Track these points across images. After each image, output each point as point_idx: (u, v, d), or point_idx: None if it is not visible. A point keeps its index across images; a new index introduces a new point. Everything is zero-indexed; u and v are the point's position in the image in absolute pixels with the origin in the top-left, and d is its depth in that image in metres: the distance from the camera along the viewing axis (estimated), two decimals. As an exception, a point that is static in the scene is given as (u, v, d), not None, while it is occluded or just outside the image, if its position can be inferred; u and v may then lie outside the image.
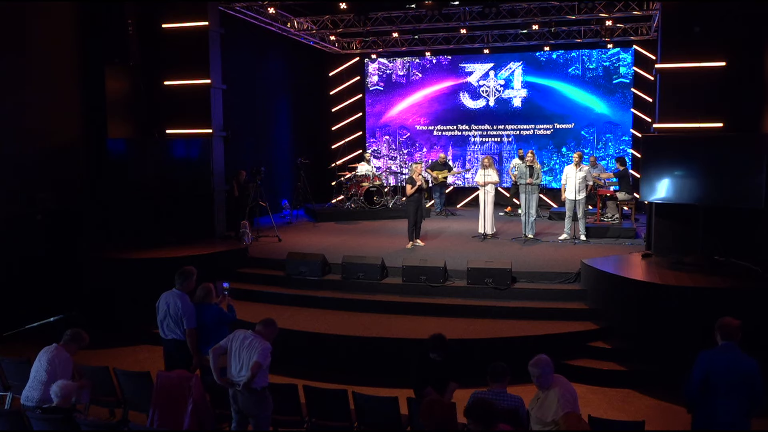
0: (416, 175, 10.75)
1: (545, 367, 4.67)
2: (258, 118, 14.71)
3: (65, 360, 5.60)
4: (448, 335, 5.75)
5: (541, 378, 4.67)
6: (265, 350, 5.22)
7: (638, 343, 7.68)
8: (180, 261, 9.09)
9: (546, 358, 4.72)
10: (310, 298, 9.20)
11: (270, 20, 13.55)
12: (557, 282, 9.00)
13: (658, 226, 9.30)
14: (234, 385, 5.28)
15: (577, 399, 4.70)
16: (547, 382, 4.67)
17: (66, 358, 5.61)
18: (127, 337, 8.99)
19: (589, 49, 15.77)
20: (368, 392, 5.75)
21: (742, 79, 8.85)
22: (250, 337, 5.30)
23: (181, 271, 6.37)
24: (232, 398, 5.35)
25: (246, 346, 5.26)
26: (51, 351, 5.62)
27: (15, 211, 9.51)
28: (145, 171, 10.77)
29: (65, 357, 5.62)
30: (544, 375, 4.66)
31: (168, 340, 6.31)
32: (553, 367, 4.73)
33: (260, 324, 5.40)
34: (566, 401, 4.56)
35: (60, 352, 5.62)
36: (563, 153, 16.05)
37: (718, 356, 4.58)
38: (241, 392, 5.25)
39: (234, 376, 5.29)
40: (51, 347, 5.66)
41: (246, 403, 5.28)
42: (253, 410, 5.31)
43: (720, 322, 4.69)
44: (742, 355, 4.55)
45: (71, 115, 10.66)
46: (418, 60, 17.08)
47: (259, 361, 5.14)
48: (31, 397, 5.45)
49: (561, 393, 4.61)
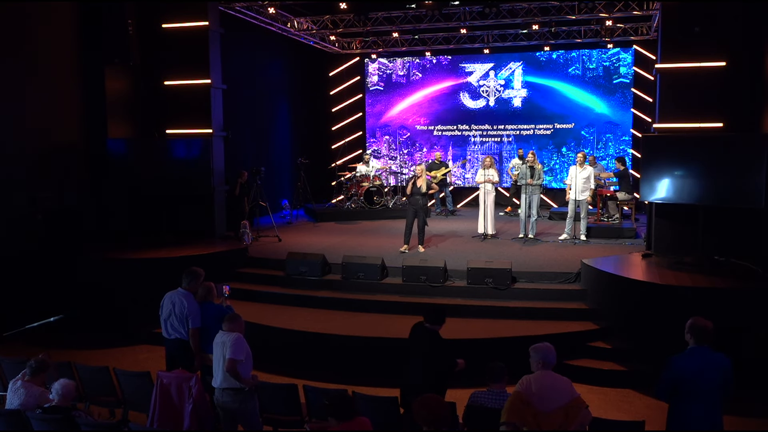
0: (419, 179, 10.41)
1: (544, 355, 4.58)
2: (258, 118, 14.71)
3: (35, 395, 5.23)
4: (448, 335, 5.76)
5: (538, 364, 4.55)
6: (235, 343, 5.20)
7: (638, 343, 7.68)
8: (180, 261, 9.13)
9: (546, 347, 4.62)
10: (310, 298, 9.20)
11: (270, 20, 13.55)
12: (557, 282, 9.00)
13: (658, 226, 9.30)
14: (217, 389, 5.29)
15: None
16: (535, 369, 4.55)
17: (36, 394, 5.24)
18: (127, 337, 9.00)
19: (589, 49, 15.76)
20: (368, 392, 5.76)
21: (742, 79, 8.85)
22: (222, 336, 5.33)
23: (189, 271, 6.37)
24: (218, 398, 5.35)
25: (219, 345, 5.30)
26: (20, 386, 5.27)
27: (15, 211, 9.51)
28: (145, 171, 10.76)
29: (35, 392, 5.25)
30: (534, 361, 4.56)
31: (171, 340, 6.31)
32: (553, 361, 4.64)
33: (226, 321, 5.39)
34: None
35: (29, 387, 5.27)
36: (563, 153, 16.05)
37: (690, 361, 4.50)
38: (226, 393, 5.27)
39: (219, 379, 5.30)
40: (17, 383, 5.30)
41: (232, 404, 5.29)
42: (239, 411, 5.32)
43: (695, 324, 4.58)
44: (715, 355, 4.48)
45: (71, 115, 10.67)
46: (418, 60, 17.07)
47: (232, 358, 5.14)
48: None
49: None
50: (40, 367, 5.39)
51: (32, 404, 5.16)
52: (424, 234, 10.70)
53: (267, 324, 8.32)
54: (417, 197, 10.40)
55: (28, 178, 9.70)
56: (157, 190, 10.85)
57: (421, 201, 10.42)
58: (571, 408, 4.35)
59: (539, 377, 4.48)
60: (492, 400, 4.89)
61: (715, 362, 4.46)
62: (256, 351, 5.65)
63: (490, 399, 4.91)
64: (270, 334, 8.19)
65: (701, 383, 4.44)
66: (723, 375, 4.45)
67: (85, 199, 10.67)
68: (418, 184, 10.41)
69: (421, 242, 10.67)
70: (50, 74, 10.17)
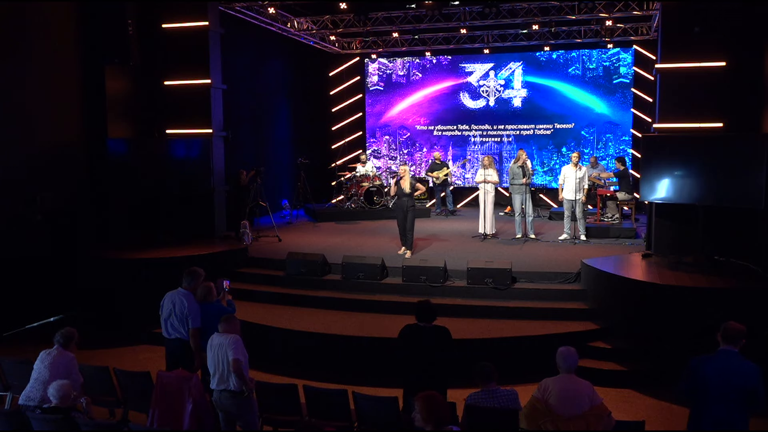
0: (403, 180, 10.04)
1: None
2: (258, 118, 14.71)
3: (70, 360, 5.61)
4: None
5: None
6: (235, 343, 5.22)
7: (638, 343, 7.68)
8: (180, 261, 9.12)
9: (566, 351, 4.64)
10: (310, 298, 9.20)
11: (270, 20, 13.54)
12: (557, 282, 9.00)
13: (658, 226, 9.30)
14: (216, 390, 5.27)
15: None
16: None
17: (70, 359, 5.62)
18: (127, 337, 8.99)
19: (589, 49, 15.76)
20: (368, 392, 5.76)
21: (742, 79, 8.85)
22: (218, 338, 5.32)
23: (189, 271, 6.37)
24: (216, 400, 5.34)
25: (218, 345, 5.29)
26: (53, 353, 5.61)
27: (15, 211, 9.51)
28: (145, 171, 10.76)
29: (69, 357, 5.62)
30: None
31: (171, 340, 6.31)
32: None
33: (222, 322, 5.39)
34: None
35: (63, 354, 5.61)
36: (563, 153, 16.05)
37: (711, 363, 4.46)
38: (224, 395, 5.26)
39: (216, 380, 5.28)
40: (52, 350, 5.65)
41: (230, 407, 5.29)
42: (238, 413, 5.32)
43: (724, 325, 4.55)
44: (741, 361, 4.41)
45: (71, 115, 10.66)
46: (418, 60, 17.07)
47: (236, 358, 5.14)
48: (33, 396, 5.43)
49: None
50: (69, 337, 5.68)
51: (63, 367, 5.47)
52: (412, 236, 10.28)
53: (267, 324, 8.32)
54: (403, 199, 10.07)
55: (28, 178, 9.69)
56: (157, 190, 10.84)
57: (407, 202, 10.05)
58: (592, 416, 4.33)
59: (559, 381, 4.49)
60: (489, 400, 4.90)
61: (742, 368, 4.38)
62: (256, 351, 5.66)
63: (487, 399, 4.91)
64: (270, 334, 8.19)
65: (724, 385, 4.36)
66: (748, 381, 4.35)
67: (85, 199, 10.66)
68: (402, 185, 10.07)
69: (409, 246, 10.22)
70: (50, 74, 10.16)
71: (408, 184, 10.06)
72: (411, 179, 10.20)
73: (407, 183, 10.07)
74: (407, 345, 5.52)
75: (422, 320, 5.48)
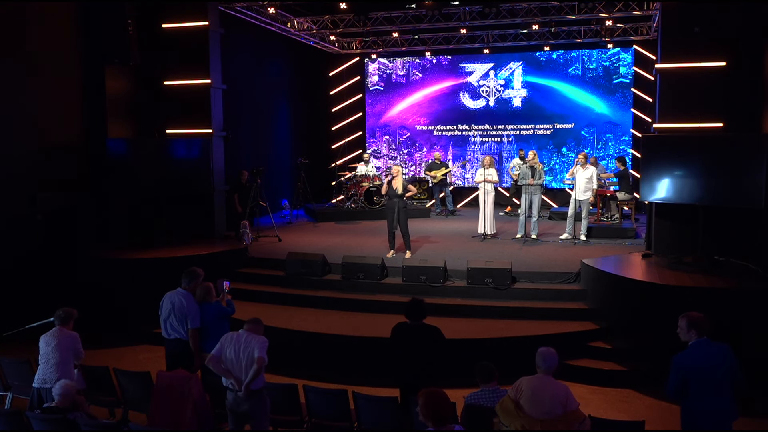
0: (395, 179, 9.89)
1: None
2: (258, 118, 14.71)
3: (75, 339, 5.81)
4: (448, 335, 5.76)
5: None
6: (263, 344, 5.24)
7: (638, 343, 7.68)
8: (180, 261, 9.12)
9: (545, 352, 4.61)
10: (310, 298, 9.20)
11: (270, 20, 13.55)
12: (557, 282, 9.00)
13: (658, 226, 9.29)
14: (234, 389, 5.22)
15: None
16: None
17: (75, 337, 5.82)
18: (127, 337, 9.00)
19: (589, 49, 15.76)
20: (368, 392, 5.76)
21: (742, 79, 8.84)
22: (244, 335, 5.30)
23: (188, 271, 6.37)
24: (232, 402, 5.26)
25: (243, 342, 5.25)
26: (56, 334, 5.78)
27: (15, 211, 9.51)
28: (145, 171, 10.76)
29: (74, 336, 5.83)
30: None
31: (171, 340, 6.31)
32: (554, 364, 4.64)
33: (249, 323, 5.40)
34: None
35: (65, 332, 5.80)
36: (563, 153, 16.05)
37: (692, 356, 4.60)
38: (242, 395, 5.23)
39: (236, 378, 5.23)
40: (53, 330, 5.82)
41: (247, 406, 5.26)
42: (253, 412, 5.30)
43: (693, 319, 4.67)
44: (717, 346, 4.58)
45: (71, 115, 10.66)
46: (418, 60, 17.07)
47: (262, 356, 5.15)
48: (49, 378, 5.57)
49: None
50: (68, 315, 5.92)
51: (69, 346, 5.72)
52: (409, 237, 10.17)
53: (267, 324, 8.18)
54: (394, 199, 9.93)
55: (28, 178, 9.69)
56: (157, 190, 10.85)
57: (398, 203, 9.91)
58: (562, 421, 4.27)
59: (532, 381, 4.46)
60: (488, 399, 4.90)
61: (718, 351, 4.54)
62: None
63: (486, 398, 4.91)
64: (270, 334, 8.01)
65: (709, 375, 4.49)
66: (728, 362, 4.50)
67: (85, 199, 10.66)
68: (393, 185, 9.90)
69: (408, 246, 10.13)
70: (50, 74, 10.16)
71: (400, 184, 9.93)
72: (404, 180, 10.10)
73: (399, 183, 9.93)
74: (398, 344, 5.56)
75: (411, 318, 5.51)
